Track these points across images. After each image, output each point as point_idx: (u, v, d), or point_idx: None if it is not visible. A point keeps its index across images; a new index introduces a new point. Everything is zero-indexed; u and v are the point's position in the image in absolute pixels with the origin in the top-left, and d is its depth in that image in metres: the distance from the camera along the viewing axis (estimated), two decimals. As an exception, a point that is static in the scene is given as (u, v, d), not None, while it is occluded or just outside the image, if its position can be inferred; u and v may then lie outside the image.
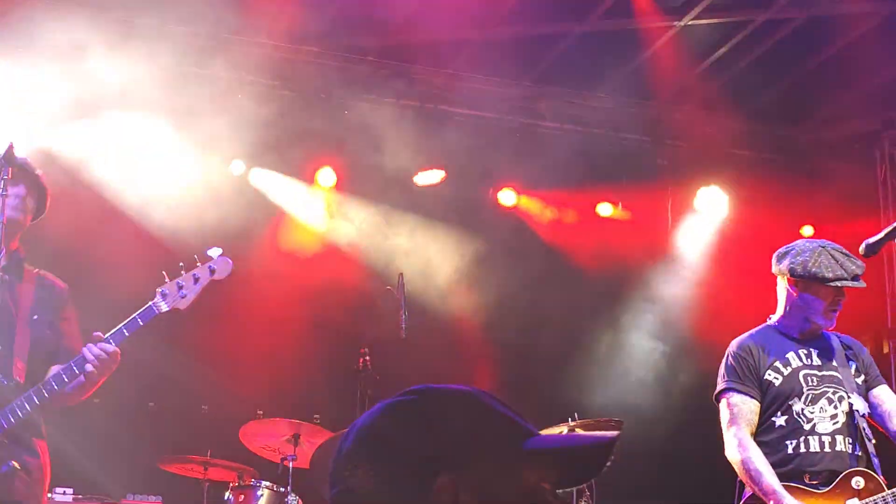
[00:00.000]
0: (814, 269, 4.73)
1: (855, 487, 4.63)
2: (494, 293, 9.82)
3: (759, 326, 5.05)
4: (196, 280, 4.70)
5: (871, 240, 4.61)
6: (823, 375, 4.82)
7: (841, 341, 5.00)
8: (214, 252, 4.78)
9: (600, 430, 7.11)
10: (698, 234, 10.65)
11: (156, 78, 8.27)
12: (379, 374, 7.49)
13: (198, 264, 4.75)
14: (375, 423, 1.77)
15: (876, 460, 4.77)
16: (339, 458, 1.77)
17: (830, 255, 4.77)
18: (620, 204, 10.51)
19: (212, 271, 4.73)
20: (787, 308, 4.93)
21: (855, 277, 4.77)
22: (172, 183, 8.73)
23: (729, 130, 10.42)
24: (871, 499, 4.59)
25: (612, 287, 10.28)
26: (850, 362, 4.93)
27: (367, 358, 7.50)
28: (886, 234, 4.49)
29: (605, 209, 10.49)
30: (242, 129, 8.71)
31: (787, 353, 4.86)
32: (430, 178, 9.80)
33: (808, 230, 10.46)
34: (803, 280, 4.80)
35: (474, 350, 9.71)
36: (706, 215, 10.61)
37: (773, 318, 5.01)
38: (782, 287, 4.94)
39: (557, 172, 10.09)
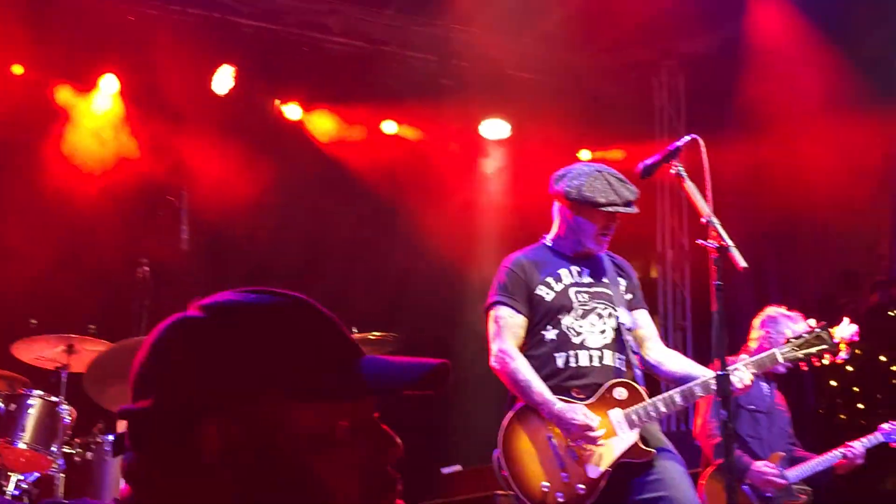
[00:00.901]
0: (587, 194, 4.80)
1: (618, 398, 4.73)
2: (278, 208, 9.75)
3: (534, 245, 5.10)
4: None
5: (648, 162, 4.77)
6: (594, 292, 4.89)
7: (613, 260, 5.09)
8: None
9: (385, 344, 7.17)
10: (482, 153, 10.76)
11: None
12: (158, 286, 7.37)
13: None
14: (164, 342, 1.58)
15: (639, 372, 4.88)
16: (134, 375, 1.61)
17: (606, 179, 4.84)
18: (406, 122, 10.54)
19: None
20: (562, 229, 5.00)
21: (628, 203, 4.84)
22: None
23: (513, 53, 10.55)
24: (632, 408, 4.70)
25: (396, 205, 10.33)
26: (621, 280, 5.02)
27: (146, 269, 7.37)
28: (662, 158, 4.65)
29: (389, 127, 10.50)
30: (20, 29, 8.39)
31: (559, 269, 4.91)
32: (223, 84, 9.61)
33: (585, 154, 10.72)
34: (577, 203, 4.85)
35: (256, 265, 9.64)
36: (489, 136, 10.73)
37: (548, 238, 5.08)
38: (557, 209, 5.02)
39: (344, 88, 10.05)
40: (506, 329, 4.83)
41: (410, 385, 1.57)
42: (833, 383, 4.95)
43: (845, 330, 4.95)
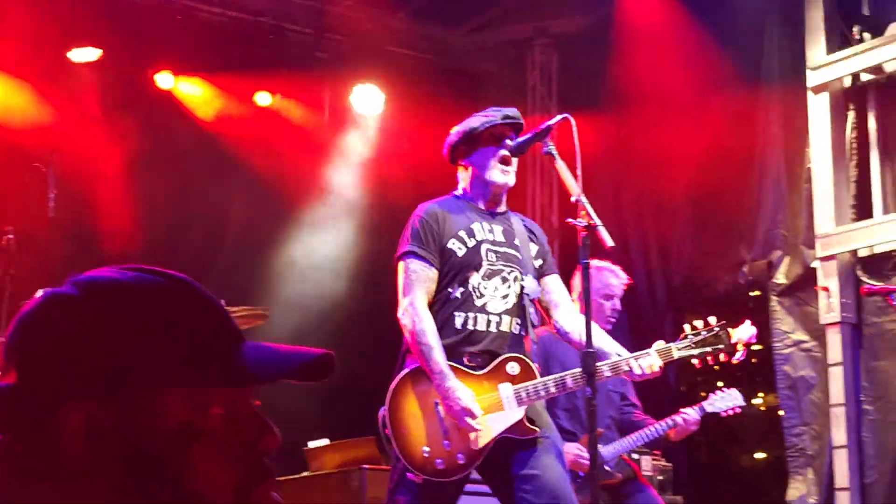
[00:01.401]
0: (463, 129, 4.84)
1: (510, 372, 4.70)
2: (148, 178, 9.61)
3: (446, 196, 5.00)
4: None
5: (519, 140, 4.82)
6: (504, 253, 4.82)
7: (524, 223, 5.04)
8: None
9: (255, 318, 7.14)
10: (355, 128, 10.74)
11: None
12: (23, 254, 7.24)
13: None
14: (34, 317, 1.50)
15: (535, 347, 4.89)
16: (2, 348, 1.52)
17: (481, 115, 4.89)
18: (279, 94, 10.47)
19: None
20: (468, 180, 4.94)
21: (506, 117, 4.85)
22: None
23: (389, 28, 10.56)
24: (522, 385, 4.69)
25: (268, 177, 10.26)
26: (532, 245, 4.97)
27: (11, 237, 7.22)
28: (534, 136, 4.70)
29: (263, 98, 10.42)
30: None
31: (472, 223, 4.83)
32: (85, 55, 9.44)
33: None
34: (463, 146, 4.86)
35: (123, 234, 9.49)
36: (362, 111, 10.72)
37: (459, 189, 5.01)
38: (460, 168, 4.98)
39: (218, 59, 9.95)
40: (417, 283, 4.71)
41: (292, 375, 1.51)
42: (694, 361, 5.09)
43: (744, 332, 4.99)
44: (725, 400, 6.56)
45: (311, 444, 8.19)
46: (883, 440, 8.33)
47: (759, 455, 11.86)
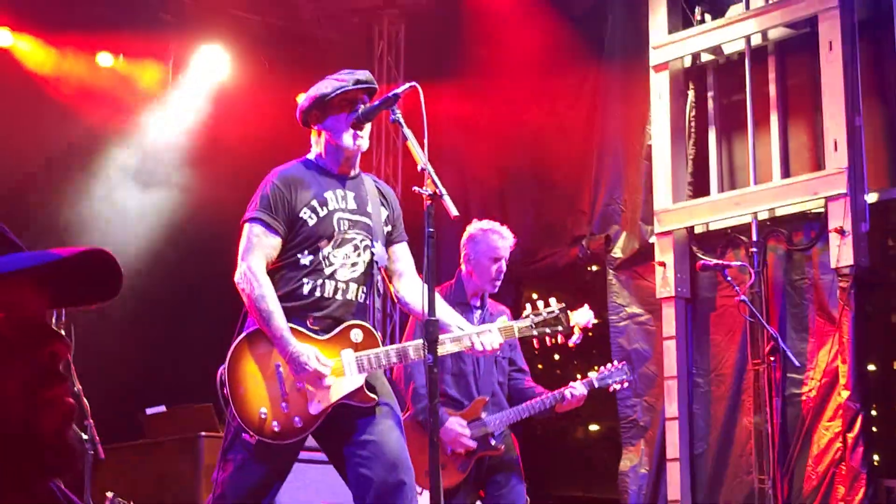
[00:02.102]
0: (322, 91, 4.78)
1: (353, 339, 4.71)
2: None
3: (300, 160, 4.97)
4: None
5: (367, 107, 4.81)
6: (356, 221, 4.83)
7: (378, 187, 5.04)
8: None
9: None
10: (197, 92, 10.58)
11: None
12: None
13: None
14: None
15: (379, 315, 4.92)
16: None
17: (333, 78, 4.83)
18: (122, 55, 10.25)
19: None
20: (321, 146, 4.92)
21: (358, 82, 4.81)
22: None
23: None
24: (364, 353, 4.70)
25: (108, 135, 10.06)
26: (383, 210, 4.97)
27: None
28: (381, 103, 4.69)
29: (105, 59, 10.18)
30: None
31: (326, 192, 4.81)
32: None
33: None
34: (315, 110, 4.82)
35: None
36: (206, 74, 10.56)
37: (312, 155, 4.97)
38: (313, 132, 4.94)
39: (59, 17, 9.69)
40: (258, 248, 4.69)
41: (47, 266, 1.54)
42: (534, 342, 5.17)
43: (582, 316, 5.08)
44: (614, 375, 6.64)
45: (149, 411, 8.10)
46: (713, 412, 8.57)
47: (594, 427, 12.08)
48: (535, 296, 5.06)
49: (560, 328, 4.90)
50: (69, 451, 1.56)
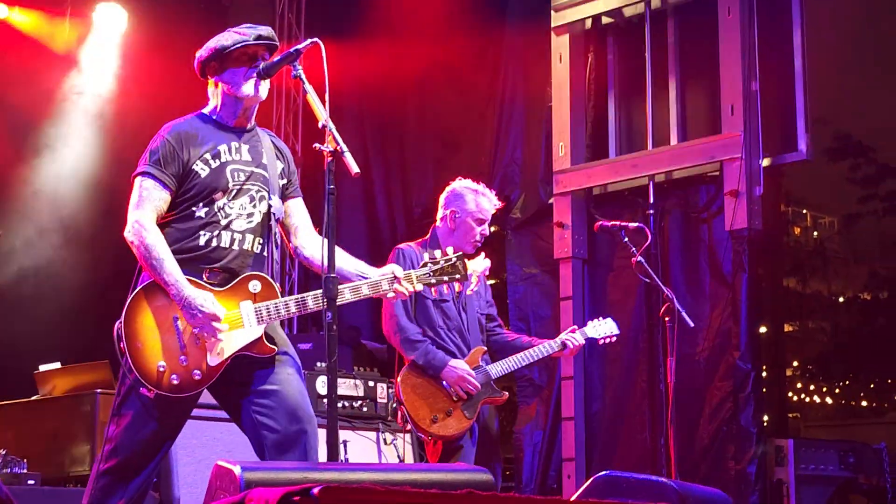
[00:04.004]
0: (215, 46, 4.72)
1: (251, 290, 4.68)
2: None
3: (194, 114, 4.89)
4: None
5: (268, 62, 4.78)
6: (251, 172, 4.80)
7: (273, 141, 5.00)
8: None
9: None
10: (96, 46, 10.39)
11: None
12: None
13: None
14: None
15: (277, 267, 4.88)
16: None
17: (235, 31, 4.74)
18: (17, 6, 10.01)
19: None
20: (219, 97, 4.84)
21: (260, 37, 4.75)
22: None
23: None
24: (263, 304, 4.67)
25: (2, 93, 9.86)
26: (278, 163, 4.95)
27: None
28: (283, 59, 4.67)
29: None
30: None
31: (219, 145, 4.77)
32: None
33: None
34: (214, 62, 4.75)
35: None
36: (104, 29, 10.37)
37: (207, 109, 4.89)
38: (210, 83, 4.86)
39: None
40: (147, 201, 4.64)
41: None
42: (431, 290, 5.20)
43: (479, 264, 5.13)
44: (603, 327, 6.71)
45: (43, 368, 7.99)
46: (608, 372, 8.70)
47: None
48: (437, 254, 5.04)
49: (458, 276, 4.93)
50: None
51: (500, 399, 6.38)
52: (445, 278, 4.93)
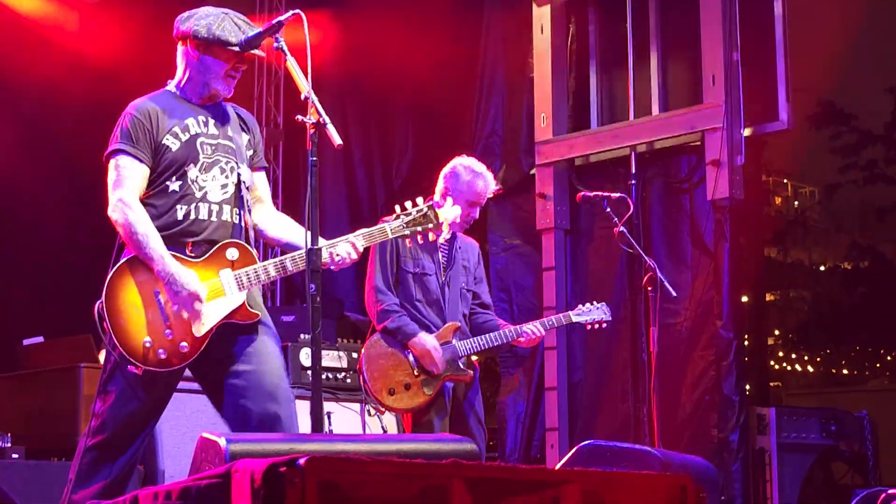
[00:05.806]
0: (218, 33, 4.72)
1: (229, 258, 4.72)
2: None
3: (159, 91, 4.92)
4: None
5: (249, 35, 4.78)
6: (219, 144, 4.84)
7: (237, 113, 5.03)
8: None
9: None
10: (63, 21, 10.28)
11: None
12: None
13: None
14: None
15: (252, 233, 4.92)
16: None
17: (233, 21, 4.79)
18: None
19: None
20: (187, 72, 4.87)
21: (250, 46, 4.76)
22: None
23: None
24: (243, 270, 4.70)
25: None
26: (244, 135, 4.98)
27: None
28: (265, 31, 4.66)
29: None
30: None
31: (186, 118, 4.80)
32: None
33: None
34: (206, 42, 4.75)
35: None
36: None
37: (172, 84, 4.93)
38: (182, 52, 4.87)
39: None
40: (127, 178, 4.67)
41: None
42: (407, 241, 5.26)
43: (450, 212, 5.15)
44: (592, 313, 6.74)
45: (27, 342, 7.98)
46: (590, 342, 8.73)
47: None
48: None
49: (430, 225, 4.97)
50: None
51: (464, 377, 6.41)
52: (419, 228, 4.97)
